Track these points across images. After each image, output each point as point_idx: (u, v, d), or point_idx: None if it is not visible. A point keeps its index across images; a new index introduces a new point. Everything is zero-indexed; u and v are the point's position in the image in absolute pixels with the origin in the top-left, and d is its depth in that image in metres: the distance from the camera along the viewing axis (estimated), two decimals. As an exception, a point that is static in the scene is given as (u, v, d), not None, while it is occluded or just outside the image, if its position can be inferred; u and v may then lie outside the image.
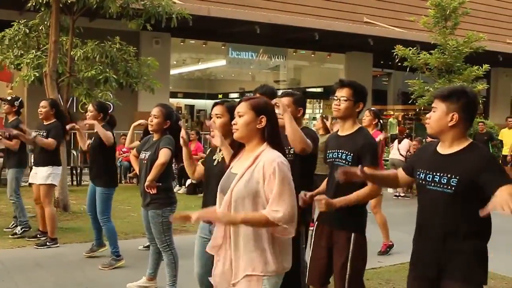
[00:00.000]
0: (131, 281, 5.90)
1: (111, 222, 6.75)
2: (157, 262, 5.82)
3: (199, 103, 28.30)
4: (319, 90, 23.88)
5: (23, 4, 10.64)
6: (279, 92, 5.20)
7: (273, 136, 3.20)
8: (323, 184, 4.33)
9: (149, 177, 5.36)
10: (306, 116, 24.28)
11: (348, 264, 3.99)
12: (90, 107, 6.99)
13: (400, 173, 3.60)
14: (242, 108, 3.21)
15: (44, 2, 9.47)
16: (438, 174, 3.18)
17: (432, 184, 3.20)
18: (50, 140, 7.39)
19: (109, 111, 7.08)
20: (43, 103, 7.64)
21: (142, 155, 5.57)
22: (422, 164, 3.33)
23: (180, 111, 24.76)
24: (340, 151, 4.09)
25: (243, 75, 25.19)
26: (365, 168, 3.42)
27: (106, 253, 7.09)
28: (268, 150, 3.13)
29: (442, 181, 3.15)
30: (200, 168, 4.57)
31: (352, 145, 4.04)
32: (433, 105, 3.26)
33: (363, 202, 4.04)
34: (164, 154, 5.36)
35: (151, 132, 5.64)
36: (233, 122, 3.23)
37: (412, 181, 3.54)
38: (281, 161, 3.06)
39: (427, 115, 3.29)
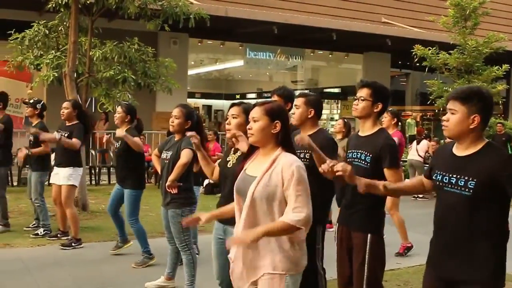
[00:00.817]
0: (149, 280, 5.93)
1: (139, 223, 6.77)
2: (175, 262, 5.85)
3: (216, 103, 28.40)
4: (336, 90, 23.84)
5: (42, 5, 10.74)
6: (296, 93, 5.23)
7: (286, 140, 3.28)
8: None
9: (171, 177, 5.38)
10: (323, 116, 24.18)
11: (366, 265, 3.99)
12: (118, 109, 6.98)
13: (424, 180, 3.56)
14: (256, 113, 3.27)
15: (64, 3, 9.55)
16: (454, 176, 3.15)
17: (449, 186, 3.17)
18: (74, 140, 7.43)
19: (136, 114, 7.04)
20: (65, 104, 7.68)
21: (164, 155, 5.61)
22: (439, 166, 3.29)
23: (197, 112, 24.82)
24: (360, 151, 4.08)
25: (261, 75, 25.21)
26: (387, 184, 3.46)
27: (126, 251, 7.18)
28: (284, 154, 3.21)
29: (459, 183, 3.12)
30: (218, 168, 4.59)
31: (371, 146, 4.03)
32: (450, 107, 3.18)
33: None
34: (185, 155, 5.37)
35: (172, 132, 5.67)
36: (248, 127, 3.29)
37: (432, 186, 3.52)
38: (298, 165, 3.15)
39: (444, 117, 3.22)
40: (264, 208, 3.11)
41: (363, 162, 4.02)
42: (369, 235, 4.01)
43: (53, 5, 9.76)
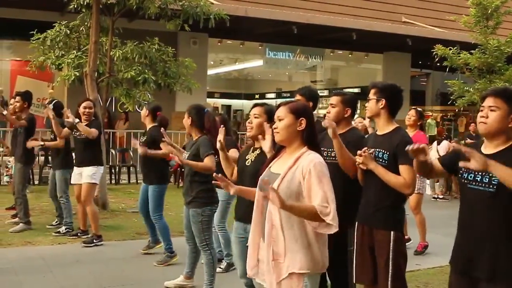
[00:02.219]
0: (168, 279, 5.95)
1: (164, 219, 6.84)
2: (194, 262, 5.87)
3: (236, 103, 28.43)
4: (356, 90, 23.70)
5: (64, 5, 10.84)
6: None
7: (311, 138, 3.31)
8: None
9: (191, 162, 5.36)
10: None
11: (390, 261, 4.02)
12: (143, 110, 7.14)
13: (436, 162, 3.58)
14: (281, 112, 3.32)
15: (85, 3, 9.62)
16: (479, 173, 3.14)
17: (474, 183, 3.17)
18: (92, 129, 7.44)
19: (159, 111, 7.09)
20: (87, 103, 7.72)
21: (184, 155, 5.63)
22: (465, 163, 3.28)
23: (217, 111, 24.88)
24: (378, 149, 4.14)
25: (280, 75, 25.19)
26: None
27: (138, 249, 7.19)
28: (308, 152, 3.24)
29: (484, 180, 3.12)
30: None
31: (388, 144, 4.10)
32: (490, 103, 3.17)
33: (389, 183, 4.02)
34: (210, 161, 5.29)
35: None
36: (273, 126, 3.32)
37: (443, 173, 3.60)
38: (319, 161, 3.17)
39: (482, 114, 3.19)
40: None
41: (382, 160, 4.08)
42: (392, 232, 4.05)
43: (75, 6, 9.84)
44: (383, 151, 4.09)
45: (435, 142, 13.76)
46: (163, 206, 6.89)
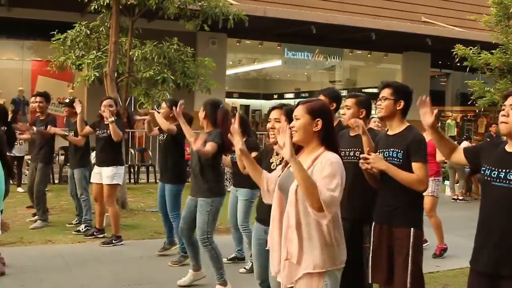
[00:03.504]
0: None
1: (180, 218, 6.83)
2: (195, 253, 5.86)
3: (254, 103, 28.42)
4: (375, 90, 23.57)
5: (84, 6, 10.92)
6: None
7: (329, 138, 3.26)
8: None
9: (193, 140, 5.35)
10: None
11: (409, 259, 4.01)
12: (163, 104, 7.11)
13: (459, 151, 3.62)
14: (298, 111, 3.28)
15: (105, 4, 9.69)
16: (503, 170, 3.14)
17: (498, 181, 3.16)
18: (119, 131, 7.48)
19: None
20: (109, 101, 7.69)
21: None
22: (489, 161, 3.28)
23: (235, 111, 24.92)
24: (391, 149, 4.14)
25: (299, 75, 25.16)
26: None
27: (156, 248, 7.23)
28: (326, 152, 3.19)
29: (509, 177, 3.11)
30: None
31: (401, 143, 4.11)
32: None
33: (402, 182, 4.02)
34: (211, 146, 5.34)
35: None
36: (290, 125, 3.27)
37: (462, 163, 3.60)
38: (336, 161, 3.13)
39: (503, 113, 3.19)
40: (305, 204, 3.09)
41: (396, 159, 4.09)
42: (412, 229, 4.05)
43: (95, 7, 9.91)
44: (397, 150, 4.10)
45: (455, 143, 13.64)
46: (180, 205, 6.88)
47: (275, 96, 27.64)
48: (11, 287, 5.61)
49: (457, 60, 13.54)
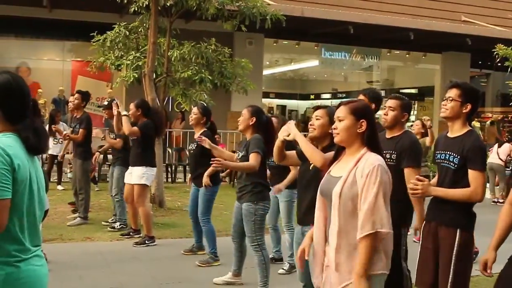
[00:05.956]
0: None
1: (211, 223, 6.79)
2: (240, 260, 5.89)
3: (291, 103, 28.39)
4: (413, 91, 23.32)
5: (123, 7, 11.07)
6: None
7: (372, 140, 3.19)
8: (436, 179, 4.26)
9: (232, 164, 5.50)
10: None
11: (452, 262, 3.89)
12: (195, 109, 6.93)
13: None
14: (342, 112, 3.21)
15: (144, 5, 9.80)
16: None
17: None
18: (135, 128, 7.48)
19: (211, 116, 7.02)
20: (130, 105, 7.77)
21: (236, 155, 5.67)
22: None
23: (272, 111, 24.92)
24: (448, 152, 4.02)
25: (336, 75, 25.02)
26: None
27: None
28: (369, 154, 3.13)
29: None
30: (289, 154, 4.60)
31: (460, 148, 3.95)
32: None
33: (459, 200, 3.92)
34: (254, 159, 5.32)
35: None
36: (333, 126, 3.23)
37: None
38: (380, 165, 3.06)
39: None
40: (349, 208, 3.03)
41: (452, 164, 3.97)
42: (458, 231, 3.93)
43: (135, 8, 10.02)
44: (454, 154, 3.97)
45: (496, 145, 13.39)
46: (211, 210, 6.84)
47: (312, 97, 27.56)
48: (51, 283, 5.67)
49: (498, 60, 13.28)
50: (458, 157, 3.93)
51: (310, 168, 4.26)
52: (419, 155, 4.69)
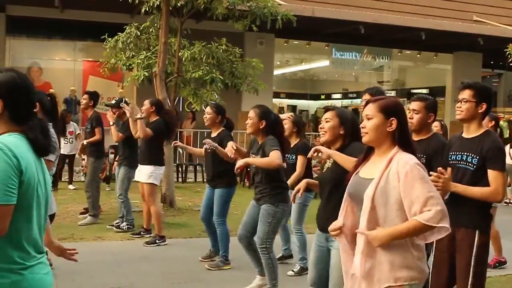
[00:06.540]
0: (234, 278, 6.05)
1: (226, 225, 6.65)
2: (258, 257, 5.67)
3: (301, 103, 28.34)
4: (424, 91, 23.22)
5: (134, 8, 11.09)
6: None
7: (404, 138, 3.03)
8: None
9: (255, 160, 5.36)
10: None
11: (472, 263, 3.86)
12: (208, 109, 6.74)
13: None
14: (370, 110, 3.05)
15: (155, 6, 9.82)
16: None
17: None
18: (148, 129, 7.48)
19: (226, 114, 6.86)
20: (144, 102, 7.82)
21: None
22: None
23: (282, 111, 24.89)
24: (465, 153, 3.99)
25: (346, 75, 24.96)
26: None
27: (203, 247, 7.26)
28: (401, 153, 2.97)
29: None
30: None
31: (478, 148, 3.93)
32: None
33: (478, 199, 3.88)
34: (276, 156, 5.17)
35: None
36: (361, 125, 3.10)
37: None
38: (415, 163, 2.92)
39: None
40: (382, 211, 2.90)
41: (470, 165, 3.94)
42: (477, 232, 3.90)
43: (146, 8, 10.04)
44: (472, 155, 3.94)
45: (508, 146, 13.29)
46: (227, 212, 6.69)
47: (323, 97, 27.50)
48: (62, 282, 5.73)
49: (510, 60, 13.21)
50: (477, 157, 3.90)
51: (324, 170, 4.14)
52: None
